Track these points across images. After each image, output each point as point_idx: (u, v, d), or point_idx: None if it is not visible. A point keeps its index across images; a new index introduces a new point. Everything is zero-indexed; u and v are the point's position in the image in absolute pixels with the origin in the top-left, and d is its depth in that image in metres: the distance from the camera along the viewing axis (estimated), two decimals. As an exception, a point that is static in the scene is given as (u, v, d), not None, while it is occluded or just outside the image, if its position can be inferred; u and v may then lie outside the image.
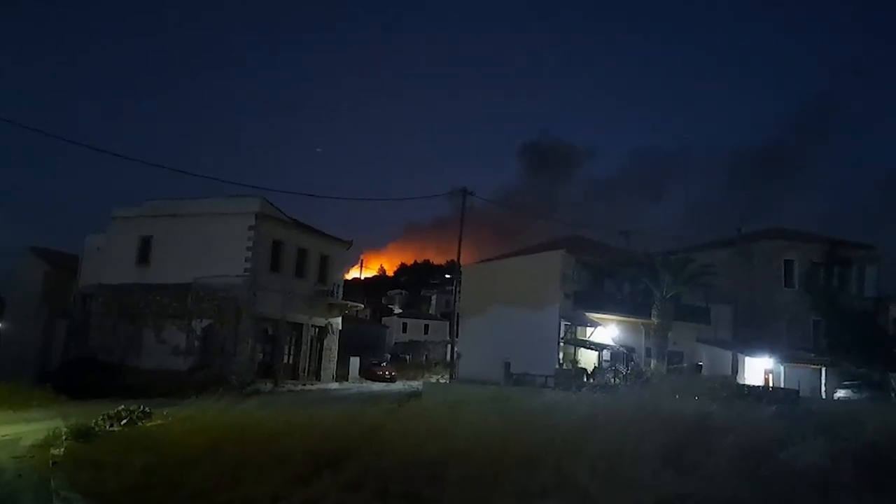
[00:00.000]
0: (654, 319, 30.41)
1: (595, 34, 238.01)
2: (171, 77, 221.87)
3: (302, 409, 15.57)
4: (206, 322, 30.92)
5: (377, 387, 34.07)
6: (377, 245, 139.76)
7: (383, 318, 71.64)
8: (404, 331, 68.00)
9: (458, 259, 37.52)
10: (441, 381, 36.62)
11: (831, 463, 8.48)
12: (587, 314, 32.80)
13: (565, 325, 32.46)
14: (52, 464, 11.08)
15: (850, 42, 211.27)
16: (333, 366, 37.03)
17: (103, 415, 15.16)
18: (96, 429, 13.88)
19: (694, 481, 7.99)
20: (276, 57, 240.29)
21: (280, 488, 7.04)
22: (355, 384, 36.49)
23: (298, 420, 12.69)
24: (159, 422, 14.88)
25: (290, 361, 34.43)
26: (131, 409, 15.54)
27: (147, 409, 15.78)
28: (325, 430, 11.03)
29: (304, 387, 32.11)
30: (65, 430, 13.39)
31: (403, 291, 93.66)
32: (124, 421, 14.94)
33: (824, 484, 8.08)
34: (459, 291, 38.73)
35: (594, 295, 33.82)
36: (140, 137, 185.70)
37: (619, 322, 33.33)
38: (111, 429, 14.41)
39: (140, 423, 14.88)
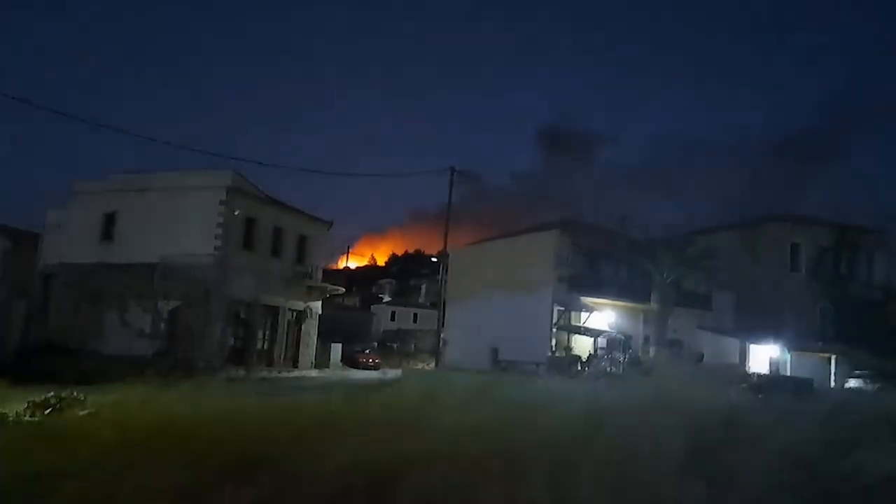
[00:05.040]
0: (654, 305, 28.84)
1: (620, 17, 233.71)
2: (162, 53, 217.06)
3: (258, 397, 13.69)
4: (173, 304, 28.79)
5: (357, 375, 32.07)
6: (378, 230, 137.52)
7: (372, 307, 69.88)
8: (393, 319, 66.39)
9: (445, 242, 35.37)
10: (426, 368, 34.69)
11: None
12: (582, 299, 30.91)
13: (559, 310, 30.60)
14: None
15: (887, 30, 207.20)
16: (312, 352, 34.99)
17: (28, 402, 13.27)
18: (10, 419, 11.92)
19: (734, 498, 6.01)
20: (282, 36, 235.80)
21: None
22: (335, 372, 34.54)
23: (248, 410, 10.75)
24: (90, 410, 12.92)
25: (265, 347, 32.34)
26: (61, 396, 13.57)
27: (81, 396, 13.79)
28: (266, 423, 9.03)
29: (279, 374, 30.09)
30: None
31: (393, 280, 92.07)
32: (48, 410, 13.02)
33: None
34: (447, 277, 36.63)
35: (590, 278, 31.94)
36: (120, 113, 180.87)
37: (616, 307, 31.48)
38: (30, 418, 12.46)
39: (68, 412, 12.96)
